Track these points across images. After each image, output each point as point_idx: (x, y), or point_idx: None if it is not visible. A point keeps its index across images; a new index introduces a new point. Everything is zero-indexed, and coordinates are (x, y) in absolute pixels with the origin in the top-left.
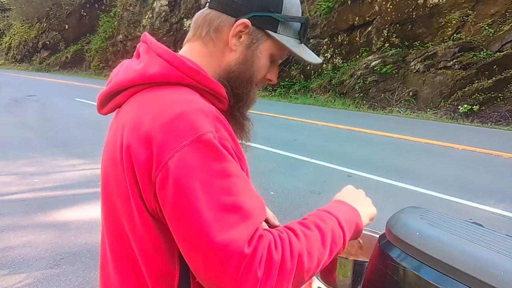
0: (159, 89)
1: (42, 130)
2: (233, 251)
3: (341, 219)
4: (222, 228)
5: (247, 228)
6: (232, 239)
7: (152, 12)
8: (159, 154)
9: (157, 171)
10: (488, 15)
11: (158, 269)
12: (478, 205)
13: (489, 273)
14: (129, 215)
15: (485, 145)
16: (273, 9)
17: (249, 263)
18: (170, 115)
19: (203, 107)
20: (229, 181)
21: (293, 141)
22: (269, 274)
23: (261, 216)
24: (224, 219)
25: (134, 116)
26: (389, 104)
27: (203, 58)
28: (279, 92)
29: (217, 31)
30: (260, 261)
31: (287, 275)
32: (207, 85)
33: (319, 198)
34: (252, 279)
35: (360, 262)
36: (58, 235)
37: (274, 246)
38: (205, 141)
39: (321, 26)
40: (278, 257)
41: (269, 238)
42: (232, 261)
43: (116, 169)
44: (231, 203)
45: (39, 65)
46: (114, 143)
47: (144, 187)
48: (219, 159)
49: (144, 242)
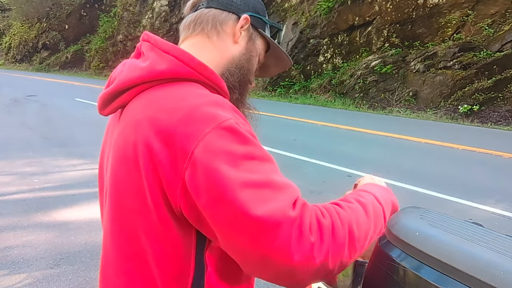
0: (169, 86)
1: (42, 130)
2: (278, 218)
3: (378, 196)
4: (260, 202)
5: (285, 197)
6: (273, 208)
7: (152, 12)
8: (183, 147)
9: (185, 164)
10: (488, 15)
11: (173, 269)
12: (478, 205)
13: (489, 273)
14: (144, 215)
15: (485, 145)
16: (262, 13)
17: (299, 228)
18: (187, 108)
19: (217, 99)
20: (256, 163)
21: (293, 141)
22: (322, 239)
23: (295, 189)
24: (259, 194)
25: (148, 113)
26: (389, 104)
27: (206, 51)
28: (279, 92)
29: (223, 24)
30: (311, 227)
31: (341, 243)
32: (213, 80)
33: (319, 198)
34: (306, 245)
35: (360, 262)
36: (58, 235)
37: (321, 213)
38: (227, 127)
39: (321, 26)
40: (329, 223)
41: (314, 208)
42: (280, 229)
43: (129, 168)
44: (262, 180)
45: (39, 65)
46: (124, 142)
47: (169, 183)
48: (243, 142)
49: (161, 242)
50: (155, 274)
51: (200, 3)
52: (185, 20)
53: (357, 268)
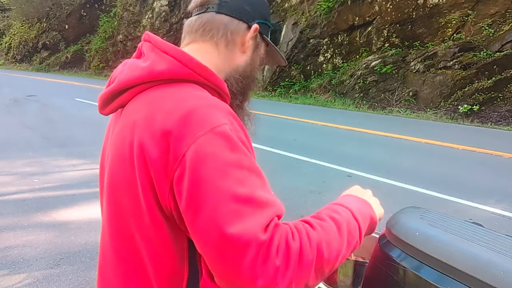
0: (168, 87)
1: (42, 130)
2: (248, 240)
3: (355, 211)
4: (236, 218)
5: (261, 218)
6: (246, 228)
7: (152, 12)
8: (176, 149)
9: (175, 166)
10: (488, 15)
11: (167, 270)
12: (478, 205)
13: (489, 273)
14: (138, 215)
15: (485, 145)
16: (267, 17)
17: (266, 251)
18: (184, 110)
19: (216, 102)
20: (243, 173)
21: (293, 141)
22: (288, 263)
23: (276, 207)
24: (238, 210)
25: (146, 114)
26: (389, 104)
27: (211, 57)
28: (279, 92)
29: (233, 33)
30: (278, 250)
31: (307, 266)
32: (213, 82)
33: (319, 198)
34: (270, 269)
35: (360, 263)
36: (58, 235)
37: (291, 235)
38: (220, 133)
39: (321, 26)
40: (297, 246)
41: (285, 228)
42: (247, 250)
43: (125, 168)
44: (245, 195)
45: (39, 65)
46: (121, 142)
47: (159, 183)
48: (234, 150)
49: (154, 243)
50: (151, 275)
51: (210, 4)
52: (192, 21)
53: (357, 268)
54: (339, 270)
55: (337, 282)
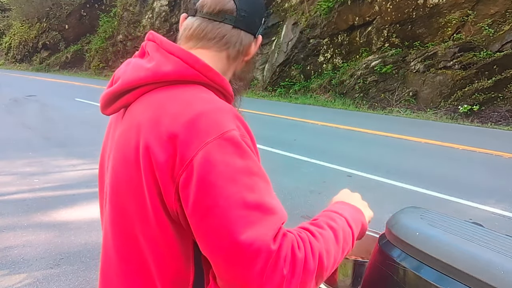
0: (174, 88)
1: (42, 130)
2: (259, 248)
3: (349, 218)
4: (247, 225)
5: (271, 226)
6: (258, 235)
7: (152, 12)
8: (183, 153)
9: (181, 170)
10: (488, 15)
11: (172, 272)
12: (478, 205)
13: (489, 273)
14: (143, 217)
15: (485, 145)
16: (264, 19)
17: (275, 261)
18: (191, 114)
19: (223, 106)
20: (252, 179)
21: (293, 141)
22: (294, 272)
23: (283, 215)
24: (248, 217)
25: (151, 116)
26: (389, 104)
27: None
28: (279, 92)
29: (245, 46)
30: (285, 259)
31: (310, 274)
32: (218, 83)
33: (319, 198)
34: (278, 277)
35: (360, 262)
36: (58, 235)
37: (297, 245)
38: (229, 139)
39: (321, 26)
40: (302, 256)
41: (291, 238)
42: (258, 258)
43: (130, 170)
44: (255, 201)
45: (39, 65)
46: (126, 143)
47: (165, 187)
48: (243, 157)
49: (159, 245)
50: (155, 276)
51: (227, 16)
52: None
53: (357, 268)
54: (339, 270)
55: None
